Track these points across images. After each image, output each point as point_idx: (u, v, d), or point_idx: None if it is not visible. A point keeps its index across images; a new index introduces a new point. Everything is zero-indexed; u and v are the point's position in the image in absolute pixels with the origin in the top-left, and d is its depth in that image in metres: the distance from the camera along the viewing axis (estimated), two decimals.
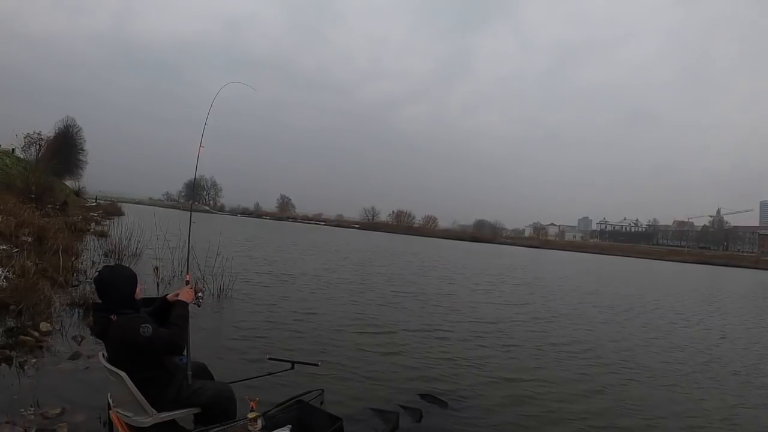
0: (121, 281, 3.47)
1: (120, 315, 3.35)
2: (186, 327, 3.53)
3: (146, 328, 3.24)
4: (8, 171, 25.78)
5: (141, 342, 3.23)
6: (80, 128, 67.81)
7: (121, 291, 3.43)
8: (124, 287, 3.46)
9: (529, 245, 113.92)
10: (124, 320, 3.32)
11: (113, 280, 3.46)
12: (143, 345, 3.24)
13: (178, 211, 62.67)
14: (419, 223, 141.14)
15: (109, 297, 3.42)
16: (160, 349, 3.33)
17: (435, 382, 6.59)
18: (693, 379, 8.02)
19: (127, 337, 3.25)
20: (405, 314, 11.19)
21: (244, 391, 4.33)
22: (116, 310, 3.37)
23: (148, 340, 3.23)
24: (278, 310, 10.16)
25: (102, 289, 3.45)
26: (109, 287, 3.43)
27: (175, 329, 3.41)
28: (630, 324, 13.07)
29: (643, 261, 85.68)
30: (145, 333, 3.23)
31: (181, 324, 3.47)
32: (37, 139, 42.31)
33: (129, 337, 3.24)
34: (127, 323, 3.29)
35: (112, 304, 3.40)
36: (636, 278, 33.31)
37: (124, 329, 3.28)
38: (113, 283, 3.44)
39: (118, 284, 3.45)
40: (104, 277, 3.46)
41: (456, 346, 8.62)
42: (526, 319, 12.09)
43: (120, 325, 3.30)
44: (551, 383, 7.03)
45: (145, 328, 3.24)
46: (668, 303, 19.32)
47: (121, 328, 3.29)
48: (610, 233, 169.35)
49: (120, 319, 3.33)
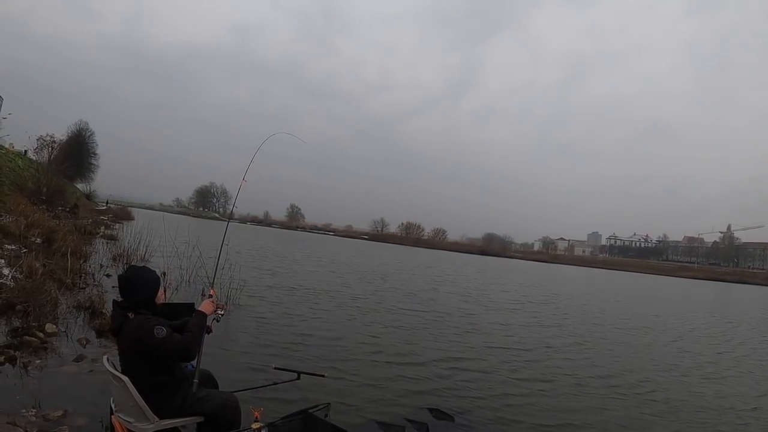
0: (144, 282, 3.58)
1: (137, 314, 3.43)
2: (200, 336, 3.57)
3: (161, 330, 3.31)
4: (20, 172, 26.05)
5: (154, 342, 3.28)
6: (93, 132, 68.78)
7: (143, 292, 3.53)
8: (146, 289, 3.57)
9: (538, 259, 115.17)
10: (140, 319, 3.39)
11: (138, 279, 3.56)
12: (155, 346, 3.29)
13: (189, 218, 63.30)
14: (428, 235, 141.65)
15: (130, 296, 3.50)
16: (171, 352, 3.35)
17: (442, 396, 6.52)
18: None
19: (141, 335, 3.30)
20: (416, 328, 11.06)
21: (249, 401, 4.31)
22: (135, 309, 3.45)
23: (160, 341, 3.28)
24: (286, 320, 10.12)
25: (125, 287, 3.52)
26: (132, 286, 3.51)
27: (189, 336, 3.44)
28: (670, 348, 12.43)
29: (653, 277, 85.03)
30: (159, 334, 3.29)
31: (195, 332, 3.51)
32: (50, 142, 42.82)
33: (143, 336, 3.29)
34: (142, 322, 3.36)
35: (132, 303, 3.48)
36: (656, 296, 32.49)
37: (139, 328, 3.33)
38: (137, 283, 3.54)
39: (141, 285, 3.55)
40: (130, 276, 3.57)
41: (466, 361, 8.49)
42: (544, 337, 11.81)
43: (136, 324, 3.36)
44: (567, 400, 6.93)
45: (159, 329, 3.31)
46: (700, 323, 18.96)
47: (136, 327, 3.35)
48: (619, 248, 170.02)
49: (137, 318, 3.40)
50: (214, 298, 3.88)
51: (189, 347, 3.41)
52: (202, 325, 3.60)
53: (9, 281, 7.97)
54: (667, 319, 18.94)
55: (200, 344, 3.56)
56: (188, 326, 3.55)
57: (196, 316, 3.63)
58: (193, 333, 3.48)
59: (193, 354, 3.50)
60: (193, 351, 3.47)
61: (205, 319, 3.65)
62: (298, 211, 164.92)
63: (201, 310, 3.69)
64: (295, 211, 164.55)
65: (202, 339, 3.61)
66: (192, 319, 3.63)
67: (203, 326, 3.62)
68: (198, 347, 3.53)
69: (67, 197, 30.36)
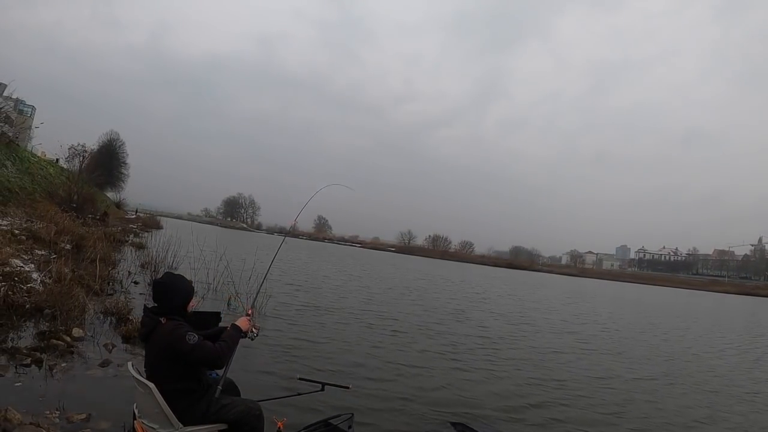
0: (180, 290, 3.65)
1: (169, 320, 3.47)
2: (233, 348, 3.64)
3: (192, 337, 3.36)
4: (51, 180, 26.84)
5: (185, 349, 3.32)
6: (123, 142, 70.81)
7: (177, 298, 3.60)
8: (180, 296, 3.63)
9: (566, 273, 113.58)
10: (173, 325, 3.43)
11: (174, 286, 3.63)
12: (186, 352, 3.32)
13: (217, 228, 64.30)
14: (455, 247, 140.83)
15: (164, 302, 3.56)
16: (202, 359, 3.39)
17: (468, 409, 6.38)
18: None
19: (173, 341, 3.34)
20: (445, 342, 10.87)
21: (273, 411, 4.29)
22: (168, 314, 3.50)
23: (192, 347, 3.32)
24: (312, 331, 10.09)
25: (161, 292, 3.58)
26: (167, 293, 3.58)
27: (222, 345, 3.50)
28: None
29: (685, 291, 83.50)
30: (190, 340, 3.34)
31: (229, 343, 3.59)
32: (81, 151, 44.13)
33: (174, 342, 3.34)
34: (175, 327, 3.40)
35: (164, 309, 3.53)
36: (699, 313, 31.10)
37: (171, 333, 3.37)
38: (173, 290, 3.60)
39: (176, 292, 3.61)
40: (166, 282, 3.65)
41: (497, 376, 8.31)
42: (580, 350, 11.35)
43: (168, 329, 3.40)
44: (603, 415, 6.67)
45: (191, 336, 3.36)
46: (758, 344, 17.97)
47: (168, 332, 3.39)
48: (648, 262, 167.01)
49: (169, 323, 3.44)
50: (251, 317, 3.96)
51: (221, 356, 3.46)
52: (236, 338, 3.70)
53: (38, 285, 8.16)
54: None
55: (231, 356, 3.62)
56: (223, 336, 3.63)
57: (233, 329, 3.72)
58: (227, 343, 3.56)
59: (223, 363, 3.55)
60: (223, 360, 3.51)
61: (239, 333, 3.75)
62: (326, 223, 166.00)
63: (238, 325, 3.77)
64: (323, 222, 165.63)
65: (234, 351, 3.67)
66: (228, 330, 3.71)
67: (237, 339, 3.71)
68: (228, 358, 3.57)
69: (97, 205, 31.25)
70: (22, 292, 7.60)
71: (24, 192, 19.73)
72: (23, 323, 6.79)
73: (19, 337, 6.34)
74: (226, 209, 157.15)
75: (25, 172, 22.57)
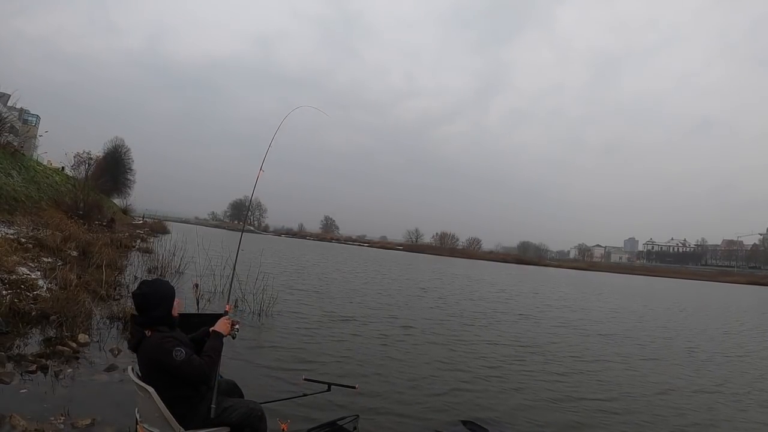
0: (160, 297, 3.54)
1: (155, 332, 3.41)
2: (218, 359, 3.56)
3: (179, 352, 3.29)
4: (57, 188, 27.02)
5: (172, 365, 3.28)
6: (129, 148, 71.12)
7: (158, 307, 3.49)
8: (161, 304, 3.53)
9: (575, 267, 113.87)
10: (158, 338, 3.37)
11: (153, 295, 3.52)
12: (174, 367, 3.28)
13: (223, 231, 64.51)
14: (463, 245, 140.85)
15: (145, 312, 3.49)
16: (190, 376, 3.34)
17: (478, 408, 6.34)
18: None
19: (159, 357, 3.30)
20: (453, 341, 10.80)
21: (278, 412, 4.28)
22: (152, 325, 3.44)
23: (179, 364, 3.28)
24: (318, 332, 10.09)
25: (139, 304, 3.51)
26: (146, 302, 3.49)
27: (206, 360, 3.44)
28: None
29: (694, 283, 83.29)
30: (177, 357, 3.28)
31: (213, 356, 3.51)
32: (87, 159, 44.54)
33: (161, 358, 3.30)
34: (160, 343, 3.34)
35: (148, 320, 3.46)
36: (716, 305, 30.70)
37: (156, 349, 3.33)
38: (153, 299, 3.50)
39: (155, 300, 3.50)
40: (144, 292, 3.53)
41: (506, 374, 8.25)
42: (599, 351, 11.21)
43: (153, 344, 3.35)
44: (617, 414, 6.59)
45: (178, 351, 3.29)
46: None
47: (153, 348, 3.34)
48: (657, 254, 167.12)
49: (154, 337, 3.39)
50: (229, 315, 3.88)
51: (208, 372, 3.41)
52: (219, 348, 3.61)
53: (44, 292, 8.23)
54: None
55: (218, 366, 3.57)
56: (205, 349, 3.54)
57: (214, 338, 3.63)
58: (211, 357, 3.48)
59: (211, 377, 3.49)
60: (211, 375, 3.46)
61: (220, 339, 3.66)
62: (333, 223, 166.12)
63: (218, 331, 3.68)
64: (330, 222, 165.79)
65: (219, 360, 3.59)
66: (209, 342, 3.62)
67: (220, 347, 3.62)
68: (216, 370, 3.53)
69: (104, 211, 31.40)
70: (28, 299, 7.67)
71: (30, 201, 19.86)
72: (29, 330, 6.83)
73: (25, 345, 6.38)
74: (233, 212, 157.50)
75: (31, 180, 22.70)
